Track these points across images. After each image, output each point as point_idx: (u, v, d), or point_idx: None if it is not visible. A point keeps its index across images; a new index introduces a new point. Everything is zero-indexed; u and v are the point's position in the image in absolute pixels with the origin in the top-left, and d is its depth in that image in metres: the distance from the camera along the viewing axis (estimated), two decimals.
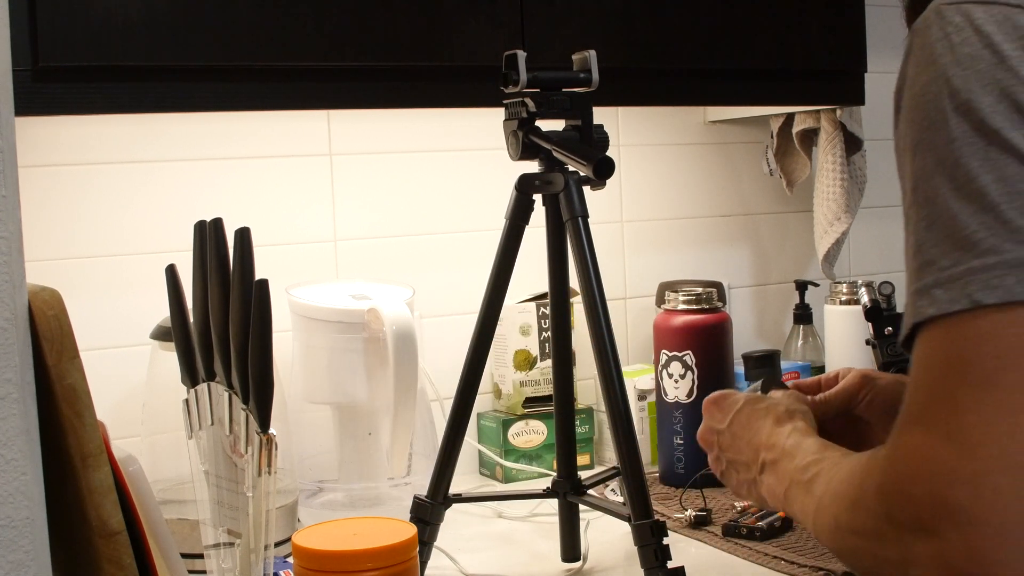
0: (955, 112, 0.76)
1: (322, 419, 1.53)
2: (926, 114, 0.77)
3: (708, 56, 1.61)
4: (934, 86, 0.77)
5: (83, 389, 0.87)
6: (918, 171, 0.78)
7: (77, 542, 0.92)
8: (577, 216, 1.25)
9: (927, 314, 0.75)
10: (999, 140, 0.74)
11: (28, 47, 1.21)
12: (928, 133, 0.77)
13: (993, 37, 0.75)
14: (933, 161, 0.76)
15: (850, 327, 1.79)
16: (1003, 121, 0.74)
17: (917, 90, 0.79)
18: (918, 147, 0.78)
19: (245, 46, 1.31)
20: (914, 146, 0.78)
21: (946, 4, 0.78)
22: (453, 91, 1.46)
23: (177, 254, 1.16)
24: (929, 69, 0.78)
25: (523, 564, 1.40)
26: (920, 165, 0.77)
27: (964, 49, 0.76)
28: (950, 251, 0.74)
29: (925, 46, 0.78)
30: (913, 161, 0.78)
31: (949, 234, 0.75)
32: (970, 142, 0.75)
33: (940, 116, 0.76)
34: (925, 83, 0.78)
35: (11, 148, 0.80)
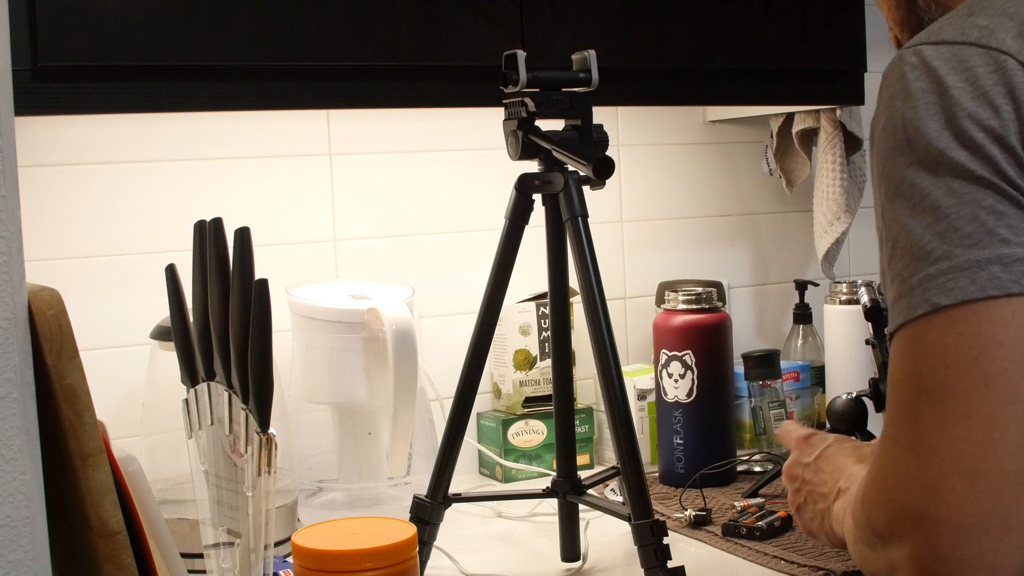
0: (908, 141, 0.84)
1: (322, 419, 1.53)
2: (886, 145, 0.86)
3: (708, 56, 1.61)
4: (892, 120, 0.86)
5: (83, 389, 0.87)
6: (883, 197, 0.85)
7: (77, 542, 0.92)
8: (577, 216, 1.25)
9: (897, 323, 0.82)
10: (946, 160, 0.82)
11: (28, 47, 1.21)
12: (889, 162, 0.85)
13: (939, 71, 0.84)
14: (894, 186, 0.84)
15: (850, 327, 1.79)
16: (947, 143, 0.82)
17: (880, 124, 0.87)
18: (882, 177, 0.86)
19: (245, 46, 1.32)
20: (879, 176, 0.86)
21: (906, 48, 0.88)
22: (453, 91, 1.46)
23: (177, 254, 1.16)
24: (890, 106, 0.86)
25: (523, 564, 1.40)
26: (885, 191, 0.85)
27: (917, 84, 0.85)
28: (910, 263, 0.82)
29: (888, 87, 0.88)
30: (880, 189, 0.86)
31: (908, 248, 0.82)
32: (923, 164, 0.83)
33: (897, 145, 0.85)
34: (886, 118, 0.86)
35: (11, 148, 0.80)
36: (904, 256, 0.82)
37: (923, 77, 0.84)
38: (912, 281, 0.81)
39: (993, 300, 0.78)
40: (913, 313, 0.80)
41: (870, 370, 1.69)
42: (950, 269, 0.79)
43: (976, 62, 0.83)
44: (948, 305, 0.79)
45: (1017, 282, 0.78)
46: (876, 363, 1.63)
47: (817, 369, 1.91)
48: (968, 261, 0.79)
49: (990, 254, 0.79)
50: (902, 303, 0.82)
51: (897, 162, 0.84)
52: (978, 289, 0.78)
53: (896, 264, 0.83)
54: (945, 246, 0.80)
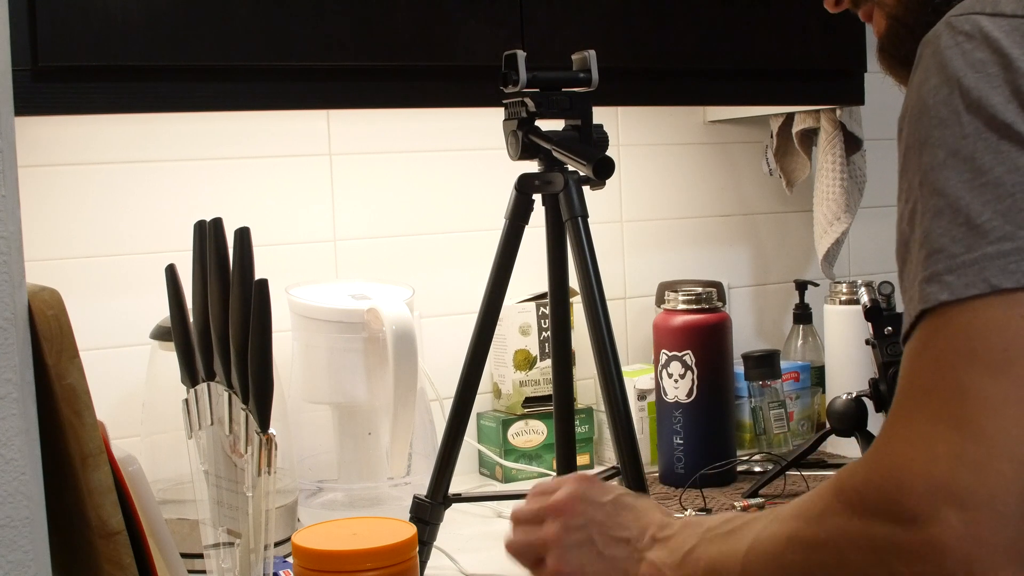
0: (967, 110, 0.78)
1: (322, 419, 1.53)
2: (936, 113, 0.79)
3: (708, 56, 1.61)
4: (945, 87, 0.79)
5: (83, 389, 0.87)
6: (926, 165, 0.79)
7: (77, 542, 0.92)
8: (577, 216, 1.25)
9: (939, 299, 0.75)
10: (1011, 134, 0.76)
11: (28, 47, 1.21)
12: (938, 130, 0.79)
13: (1002, 43, 0.78)
14: (944, 154, 0.78)
15: (850, 327, 1.79)
16: (1015, 117, 0.76)
17: (926, 91, 0.81)
18: (926, 144, 0.79)
19: (245, 46, 1.32)
20: (921, 143, 0.80)
21: (956, 16, 0.81)
22: (453, 91, 1.46)
23: (177, 254, 1.16)
24: (940, 72, 0.80)
25: None
26: (928, 160, 0.79)
27: (975, 55, 0.79)
28: (963, 238, 0.75)
29: (936, 53, 0.81)
30: (921, 157, 0.79)
31: (963, 222, 0.75)
32: (983, 137, 0.77)
33: (951, 114, 0.79)
34: (935, 85, 0.80)
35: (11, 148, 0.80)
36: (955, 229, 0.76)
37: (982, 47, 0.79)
38: (965, 258, 0.75)
39: None
40: (966, 292, 0.74)
41: (870, 370, 1.69)
42: (1013, 251, 0.74)
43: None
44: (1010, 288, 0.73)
45: None
46: (876, 363, 1.63)
47: (817, 369, 1.91)
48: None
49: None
50: (950, 279, 0.75)
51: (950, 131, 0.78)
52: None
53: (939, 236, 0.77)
54: (1008, 225, 0.74)
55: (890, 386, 1.60)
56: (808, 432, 1.85)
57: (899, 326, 1.63)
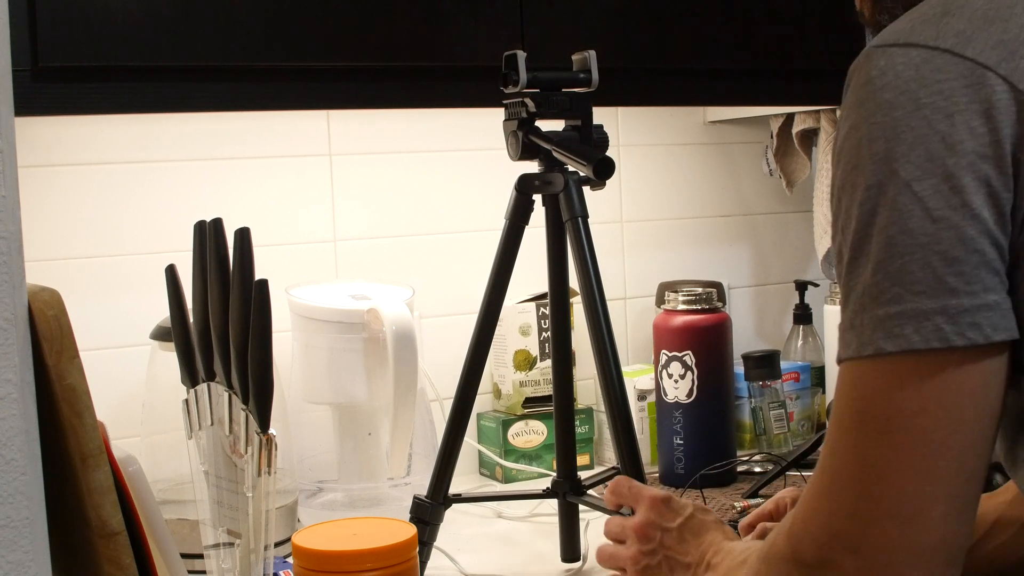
0: (872, 159, 0.79)
1: (322, 419, 1.53)
2: (849, 157, 0.81)
3: (708, 56, 1.61)
4: (857, 131, 0.81)
5: (83, 389, 0.87)
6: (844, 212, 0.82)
7: (77, 542, 0.92)
8: (577, 216, 1.25)
9: (844, 355, 0.81)
10: (907, 191, 0.77)
11: (28, 47, 1.21)
12: (851, 177, 0.81)
13: (910, 83, 0.78)
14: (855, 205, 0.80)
15: None
16: (914, 171, 0.77)
17: (844, 131, 0.82)
18: (843, 189, 0.82)
19: (245, 46, 1.32)
20: (841, 187, 0.82)
21: (874, 47, 0.82)
22: (453, 91, 1.46)
23: (177, 254, 1.16)
24: (855, 112, 0.81)
25: (523, 564, 1.40)
26: (846, 206, 0.81)
27: (884, 95, 0.79)
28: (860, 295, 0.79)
29: (855, 88, 0.82)
30: (840, 201, 0.82)
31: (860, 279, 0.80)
32: (883, 190, 0.78)
33: (860, 161, 0.80)
34: (851, 127, 0.81)
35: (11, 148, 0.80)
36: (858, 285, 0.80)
37: (891, 87, 0.79)
38: (864, 317, 0.79)
39: (936, 352, 0.77)
40: (861, 352, 0.79)
41: None
42: (898, 315, 0.77)
43: (950, 73, 0.77)
44: (892, 352, 0.77)
45: (962, 334, 0.76)
46: None
47: (817, 369, 1.91)
48: (915, 309, 0.77)
49: (936, 304, 0.76)
50: (851, 335, 0.80)
51: (858, 180, 0.80)
52: (921, 340, 0.77)
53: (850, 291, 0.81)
54: (896, 288, 0.77)
55: None
56: (808, 432, 1.85)
57: None
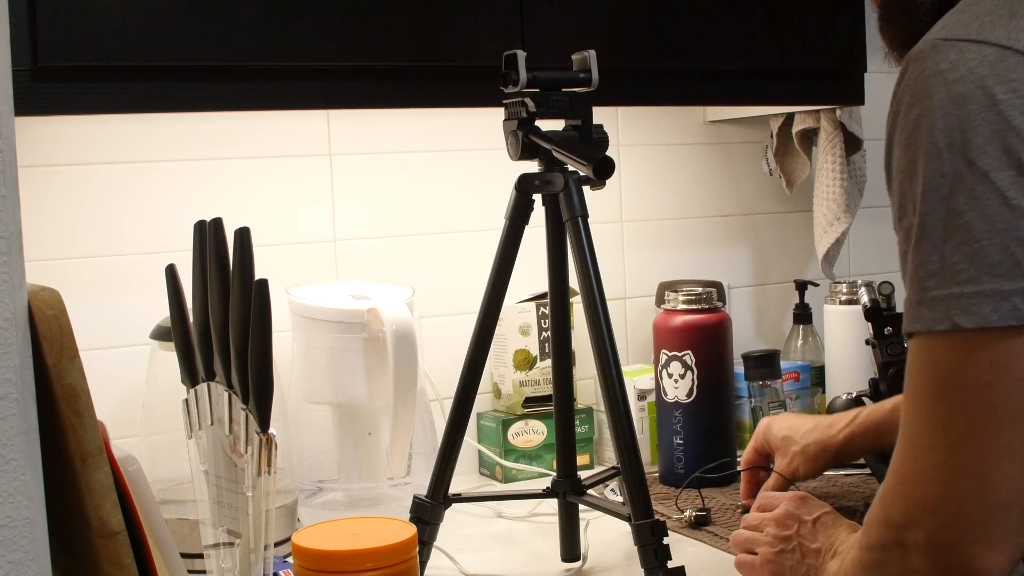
0: (947, 148, 0.83)
1: (322, 419, 1.53)
2: (919, 144, 0.85)
3: (708, 56, 1.61)
4: (927, 120, 0.84)
5: (83, 389, 0.87)
6: (915, 192, 0.86)
7: (77, 542, 0.92)
8: (577, 216, 1.25)
9: (914, 328, 0.86)
10: (985, 180, 0.82)
11: (28, 47, 1.21)
12: (922, 162, 0.85)
13: (986, 79, 0.82)
14: (926, 188, 0.84)
15: (850, 327, 1.79)
16: (991, 162, 0.82)
17: (912, 119, 0.85)
18: (914, 172, 0.85)
19: (245, 46, 1.32)
20: (909, 171, 0.86)
21: (942, 39, 0.85)
22: (453, 91, 1.46)
23: (177, 254, 1.16)
24: (924, 102, 0.85)
25: (523, 564, 1.40)
26: (915, 188, 0.85)
27: (958, 88, 0.83)
28: (936, 274, 0.84)
29: (920, 77, 0.85)
30: (909, 183, 0.86)
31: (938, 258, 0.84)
32: (960, 178, 0.83)
33: (933, 149, 0.84)
34: (919, 114, 0.85)
35: (11, 148, 0.80)
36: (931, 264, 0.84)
37: (965, 80, 0.83)
38: (936, 294, 0.84)
39: (1011, 329, 0.82)
40: (934, 326, 0.84)
41: (870, 370, 1.69)
42: (975, 294, 0.82)
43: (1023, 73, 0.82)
44: (968, 328, 0.83)
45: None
46: (876, 363, 1.63)
47: (817, 369, 1.91)
48: (993, 290, 0.82)
49: (1014, 286, 0.82)
50: (922, 311, 0.85)
51: (931, 167, 0.84)
52: (999, 318, 0.82)
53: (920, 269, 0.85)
54: (972, 269, 0.82)
55: (890, 386, 1.60)
56: None
57: (899, 326, 1.64)
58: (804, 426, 1.45)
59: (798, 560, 1.14)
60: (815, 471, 1.43)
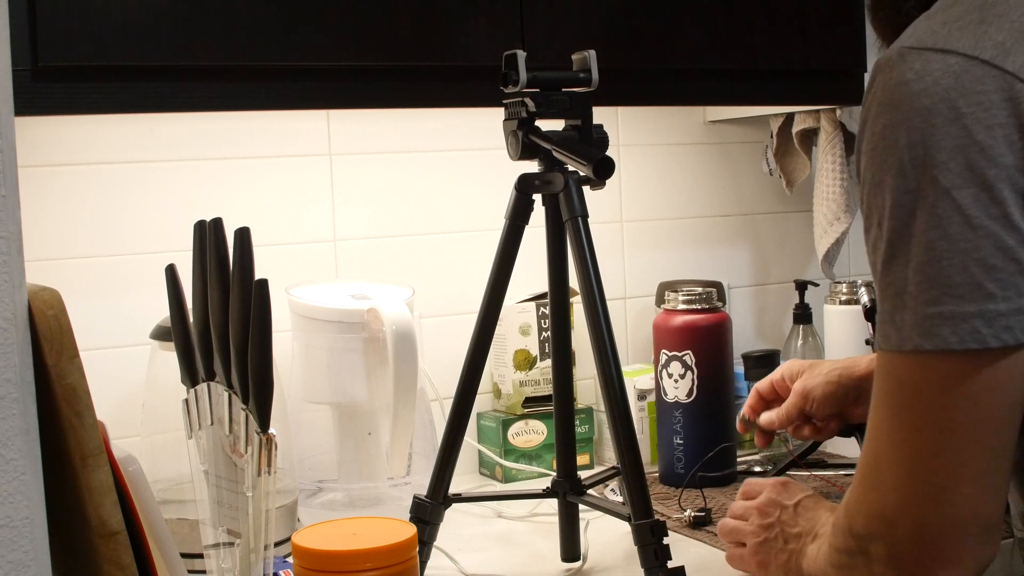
0: (911, 163, 0.82)
1: (322, 419, 1.53)
2: (884, 157, 0.83)
3: (708, 56, 1.61)
4: (893, 132, 0.83)
5: (83, 389, 0.87)
6: (879, 209, 0.85)
7: (77, 542, 0.92)
8: (577, 216, 1.25)
9: (881, 346, 0.87)
10: (948, 198, 0.81)
11: (28, 47, 1.21)
12: (887, 176, 0.83)
13: (950, 92, 0.80)
14: (893, 205, 0.83)
15: (850, 327, 1.79)
16: (954, 179, 0.80)
17: (878, 129, 0.84)
18: (878, 187, 0.85)
19: (245, 46, 1.31)
20: (875, 184, 0.85)
21: (908, 48, 0.83)
22: (453, 91, 1.46)
23: (177, 254, 1.16)
24: (890, 112, 0.83)
25: (523, 564, 1.40)
26: (880, 204, 0.85)
27: (922, 100, 0.81)
28: (898, 294, 0.84)
29: (887, 87, 0.84)
30: (875, 197, 0.85)
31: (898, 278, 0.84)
32: (922, 196, 0.81)
33: (898, 163, 0.82)
34: (885, 125, 0.83)
35: (11, 148, 0.80)
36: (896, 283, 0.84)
37: (930, 92, 0.81)
38: (902, 314, 0.83)
39: (970, 353, 0.81)
40: (901, 346, 0.84)
41: None
42: (935, 316, 0.82)
43: (990, 85, 0.79)
44: (929, 350, 0.82)
45: (997, 336, 0.81)
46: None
47: None
48: (953, 311, 0.81)
49: (975, 308, 0.81)
50: (889, 329, 0.85)
51: (897, 182, 0.82)
52: (958, 341, 0.81)
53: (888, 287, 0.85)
54: (934, 291, 0.81)
55: None
56: None
57: None
58: (829, 361, 1.40)
59: (781, 547, 1.14)
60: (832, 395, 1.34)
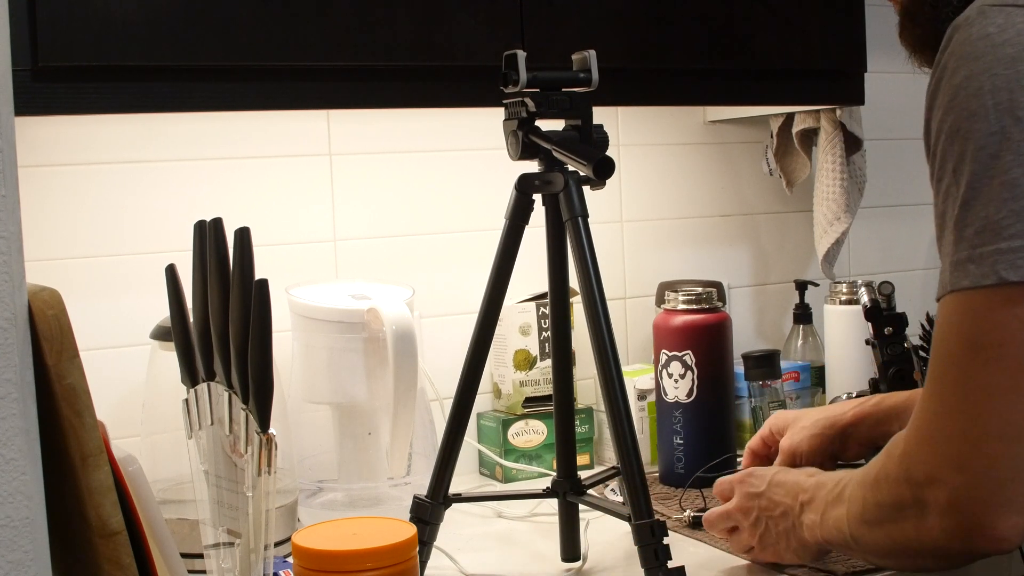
0: (995, 107, 0.83)
1: (322, 419, 1.52)
2: (966, 105, 0.85)
3: (708, 56, 1.61)
4: (976, 81, 0.84)
5: (83, 389, 0.87)
6: (959, 154, 0.85)
7: (77, 542, 0.92)
8: (577, 216, 1.25)
9: (961, 285, 0.85)
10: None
11: (28, 47, 1.21)
12: (968, 123, 0.85)
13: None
14: (974, 147, 0.84)
15: (850, 327, 1.79)
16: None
17: (958, 81, 0.85)
18: (957, 134, 0.85)
19: (245, 46, 1.31)
20: (952, 132, 0.86)
21: (989, 5, 0.85)
22: (453, 91, 1.46)
23: (177, 254, 1.16)
24: (971, 64, 0.85)
25: (523, 564, 1.40)
26: (959, 150, 0.85)
27: (1006, 50, 0.83)
28: (982, 231, 0.84)
29: (967, 41, 0.85)
30: (952, 145, 0.86)
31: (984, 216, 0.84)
32: (1008, 136, 0.83)
33: (981, 109, 0.84)
34: (966, 76, 0.85)
35: (11, 148, 0.80)
36: (977, 222, 0.84)
37: (1013, 42, 0.83)
38: (983, 250, 0.84)
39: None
40: (980, 282, 0.84)
41: (870, 370, 1.69)
42: (1021, 248, 0.82)
43: None
44: (1015, 282, 0.82)
45: None
46: (876, 363, 1.63)
47: (817, 369, 1.91)
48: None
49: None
50: (969, 267, 0.85)
51: (978, 126, 0.84)
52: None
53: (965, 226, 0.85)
54: (1019, 224, 0.82)
55: (890, 386, 1.60)
56: None
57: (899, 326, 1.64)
58: (814, 411, 1.43)
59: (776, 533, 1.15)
60: (819, 449, 1.37)
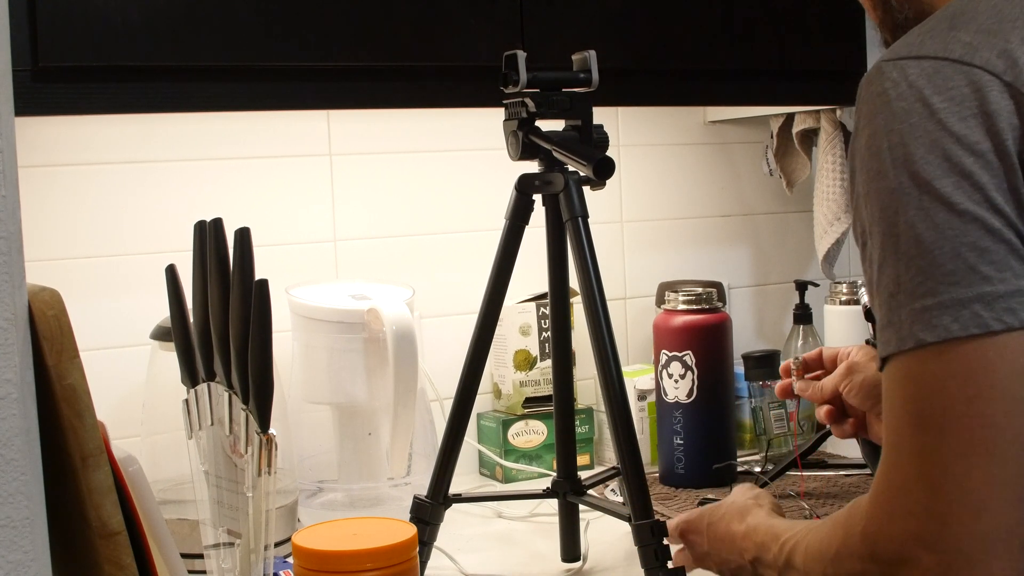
0: (893, 164, 0.84)
1: (322, 419, 1.53)
2: (871, 165, 0.86)
3: (708, 56, 1.61)
4: (876, 139, 0.85)
5: (83, 389, 0.87)
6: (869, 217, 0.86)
7: (77, 542, 0.92)
8: (577, 216, 1.25)
9: (884, 352, 0.84)
10: (930, 189, 0.81)
11: (28, 47, 1.21)
12: (875, 183, 0.85)
13: (924, 91, 0.83)
14: (879, 209, 0.84)
15: (850, 327, 1.79)
16: (933, 170, 0.82)
17: (863, 142, 0.87)
18: (868, 195, 0.86)
19: (245, 46, 1.31)
20: (865, 194, 0.86)
21: (885, 61, 0.87)
22: (453, 91, 1.46)
23: (177, 254, 1.16)
24: (872, 123, 0.86)
25: (523, 564, 1.40)
26: (871, 211, 0.85)
27: (899, 104, 0.84)
28: (896, 293, 0.83)
29: (868, 99, 0.87)
30: (866, 207, 0.86)
31: (893, 278, 0.83)
32: (904, 192, 0.83)
33: (882, 167, 0.84)
34: (869, 135, 0.86)
35: (11, 148, 0.80)
36: (890, 284, 0.83)
37: (906, 95, 0.83)
38: (899, 314, 0.82)
39: (975, 338, 0.80)
40: (902, 346, 0.82)
41: None
42: (934, 306, 0.81)
43: (960, 80, 0.82)
44: (933, 342, 0.80)
45: (999, 319, 0.79)
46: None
47: None
48: (951, 299, 0.80)
49: (972, 292, 0.80)
50: (890, 332, 0.83)
51: (881, 185, 0.84)
52: (960, 328, 0.80)
53: (882, 292, 0.84)
54: (929, 282, 0.81)
55: None
56: (808, 432, 1.85)
57: None
58: None
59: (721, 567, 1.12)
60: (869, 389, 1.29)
